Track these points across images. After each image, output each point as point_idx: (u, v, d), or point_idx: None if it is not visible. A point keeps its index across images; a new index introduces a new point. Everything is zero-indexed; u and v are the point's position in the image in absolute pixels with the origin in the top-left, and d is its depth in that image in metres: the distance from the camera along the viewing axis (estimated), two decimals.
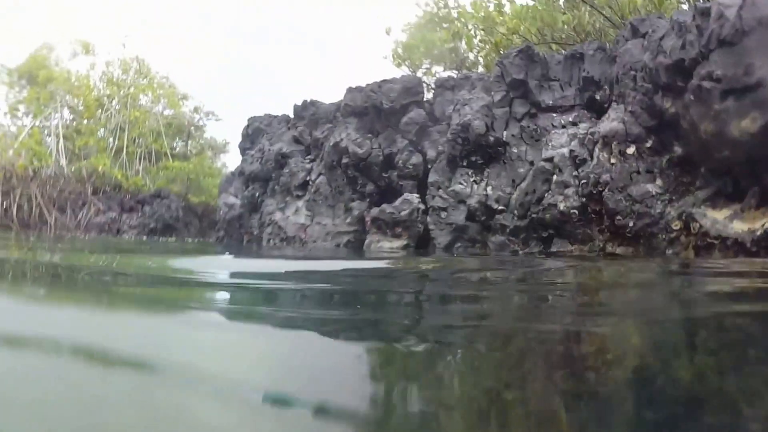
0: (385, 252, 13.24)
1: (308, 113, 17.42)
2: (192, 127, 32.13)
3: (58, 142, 27.59)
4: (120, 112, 29.91)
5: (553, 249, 11.81)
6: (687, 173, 10.71)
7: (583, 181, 11.33)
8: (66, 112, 29.59)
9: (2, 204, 25.06)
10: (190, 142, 32.20)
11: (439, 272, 8.31)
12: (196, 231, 27.12)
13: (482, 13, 16.45)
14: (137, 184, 28.26)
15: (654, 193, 10.70)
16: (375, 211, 13.87)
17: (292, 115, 18.54)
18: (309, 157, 16.91)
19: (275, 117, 19.38)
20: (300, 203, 16.31)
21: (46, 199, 25.96)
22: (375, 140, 14.62)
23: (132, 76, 30.98)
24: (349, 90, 15.44)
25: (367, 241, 14.08)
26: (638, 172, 10.95)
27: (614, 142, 11.15)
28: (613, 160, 11.22)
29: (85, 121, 29.70)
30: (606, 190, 10.98)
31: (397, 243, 13.50)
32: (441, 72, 17.57)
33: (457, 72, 16.77)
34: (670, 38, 10.50)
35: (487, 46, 16.90)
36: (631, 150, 11.06)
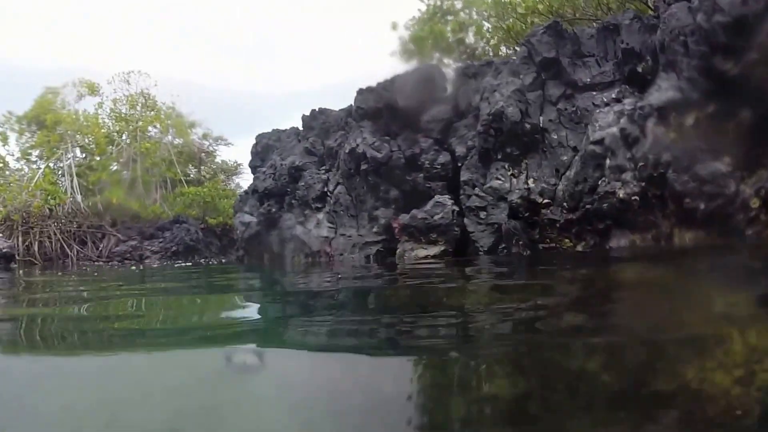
0: (421, 260, 10.66)
1: (318, 122, 14.85)
2: (203, 153, 29.57)
3: (72, 180, 25.43)
4: (131, 146, 27.50)
5: (613, 243, 9.22)
6: (758, 144, 8.27)
7: (641, 164, 8.79)
8: (77, 151, 27.34)
9: (24, 242, 23.68)
10: (202, 167, 29.67)
11: None
12: (216, 250, 25.61)
13: None
14: (155, 212, 26.08)
15: (724, 170, 8.21)
16: (405, 217, 11.28)
17: (301, 128, 15.92)
18: (324, 167, 14.30)
19: (284, 131, 16.79)
20: (320, 215, 13.71)
21: (65, 235, 24.52)
22: (394, 142, 12.05)
23: (139, 110, 28.39)
24: (360, 92, 12.89)
25: (399, 251, 11.50)
26: (702, 149, 8.43)
27: (672, 114, 8.70)
28: (672, 135, 8.73)
29: (97, 158, 27.29)
30: (670, 171, 8.49)
31: (434, 250, 10.95)
32: (452, 64, 14.95)
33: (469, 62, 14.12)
34: None
35: (498, 35, 14.39)
36: (690, 121, 8.60)
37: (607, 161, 9.16)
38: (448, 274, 8.49)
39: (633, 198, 8.86)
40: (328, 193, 13.65)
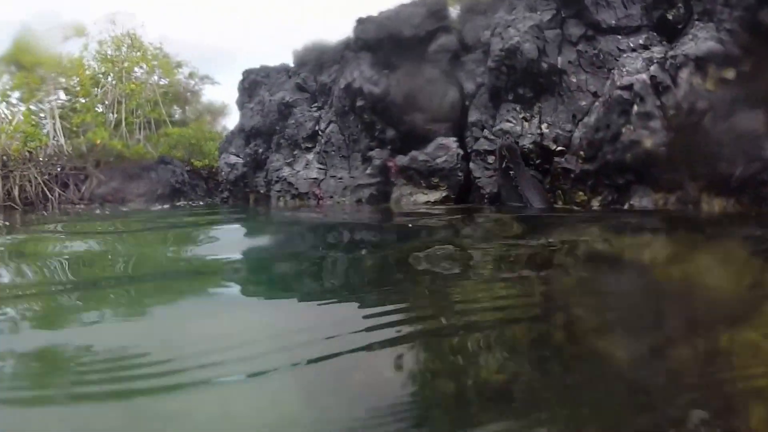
0: (421, 206, 9.26)
1: (312, 57, 13.13)
2: (189, 93, 27.33)
3: (54, 123, 23.32)
4: (116, 87, 25.36)
5: (634, 201, 7.87)
6: None
7: (672, 112, 7.45)
8: (61, 94, 25.16)
9: (3, 187, 21.53)
10: (187, 108, 27.45)
11: None
12: (203, 193, 23.49)
13: None
14: (139, 153, 24.11)
15: (761, 131, 6.92)
16: (404, 159, 9.85)
17: (291, 64, 14.17)
18: (316, 104, 12.66)
19: (273, 67, 14.89)
20: (310, 156, 12.16)
21: (46, 178, 22.29)
22: (393, 76, 10.42)
23: (125, 51, 26.20)
24: (360, 21, 11.17)
25: (395, 195, 10.10)
26: (741, 105, 7.16)
27: (710, 66, 7.37)
28: (709, 87, 7.38)
29: (82, 100, 25.19)
30: (707, 120, 7.19)
31: (435, 195, 9.56)
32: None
33: None
34: None
35: None
36: (730, 75, 7.33)
37: (635, 107, 7.79)
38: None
39: (661, 149, 7.53)
40: (320, 132, 12.08)
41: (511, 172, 8.60)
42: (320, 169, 11.69)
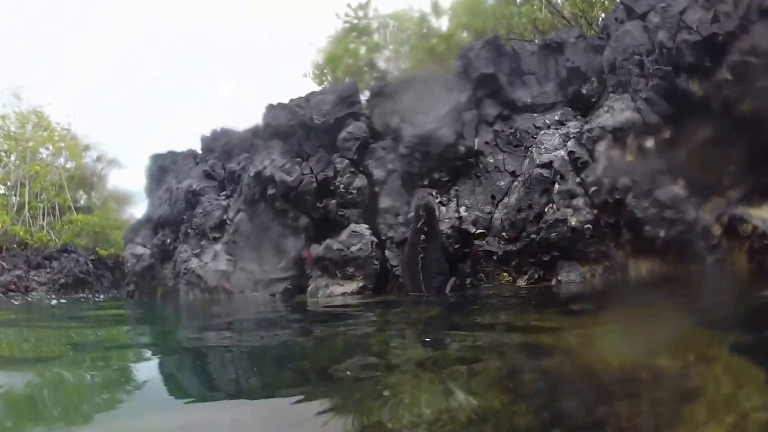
0: (337, 298, 8.46)
1: (219, 144, 12.35)
2: (95, 178, 25.75)
3: None
4: (19, 167, 23.53)
5: (562, 276, 7.40)
6: (713, 170, 6.80)
7: (593, 189, 7.15)
8: None
9: None
10: (93, 193, 25.79)
11: None
12: (108, 284, 22.17)
13: (416, 15, 12.00)
14: (42, 240, 22.20)
15: (682, 195, 6.79)
16: (318, 249, 9.10)
17: (199, 150, 13.30)
18: (224, 192, 11.76)
19: (180, 153, 13.91)
20: (218, 246, 11.16)
21: None
22: (306, 164, 9.79)
23: (30, 129, 24.49)
24: (270, 108, 10.52)
25: (311, 287, 9.29)
26: (661, 172, 6.93)
27: (629, 136, 7.27)
28: (629, 159, 7.23)
29: None
30: (629, 197, 6.93)
31: (351, 286, 8.81)
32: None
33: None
34: (695, 11, 6.80)
35: (417, 56, 12.48)
36: (650, 143, 7.27)
37: (556, 186, 7.49)
38: None
39: (586, 226, 7.20)
40: (228, 221, 11.15)
41: (422, 236, 7.72)
42: (229, 260, 10.71)
